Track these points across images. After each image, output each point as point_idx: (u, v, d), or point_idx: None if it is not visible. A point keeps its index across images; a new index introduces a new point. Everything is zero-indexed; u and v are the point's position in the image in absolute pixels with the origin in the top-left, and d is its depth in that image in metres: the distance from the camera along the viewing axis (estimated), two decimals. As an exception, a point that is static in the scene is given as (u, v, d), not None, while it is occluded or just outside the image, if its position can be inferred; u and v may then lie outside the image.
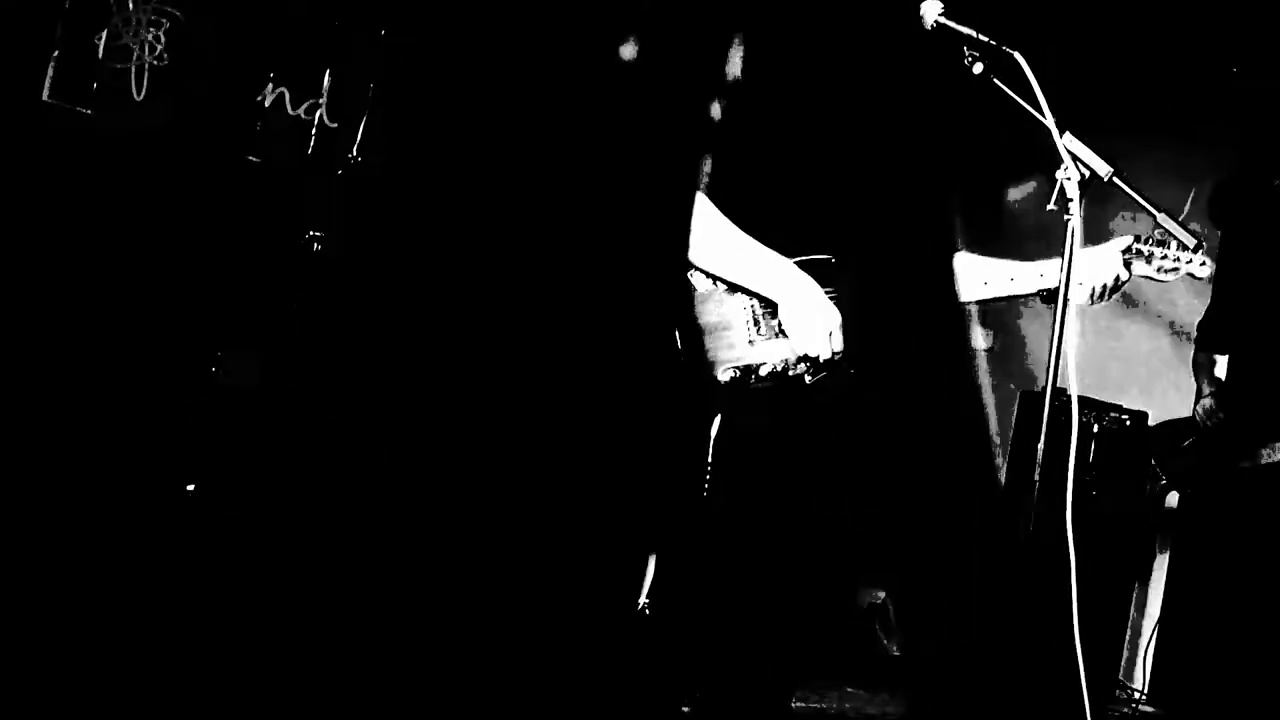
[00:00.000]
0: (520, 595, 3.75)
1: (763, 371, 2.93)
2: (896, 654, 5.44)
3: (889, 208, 3.04)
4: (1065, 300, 2.68)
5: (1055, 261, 2.91)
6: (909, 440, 3.20)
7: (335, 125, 4.60)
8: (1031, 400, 5.30)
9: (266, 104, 4.48)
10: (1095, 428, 5.20)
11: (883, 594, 5.47)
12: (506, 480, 3.75)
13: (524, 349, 3.70)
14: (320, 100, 4.59)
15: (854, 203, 3.04)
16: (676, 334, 2.93)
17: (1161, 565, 5.61)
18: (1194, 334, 5.26)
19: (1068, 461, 2.76)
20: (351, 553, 4.01)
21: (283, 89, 4.52)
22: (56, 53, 4.04)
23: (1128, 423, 5.28)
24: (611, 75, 3.41)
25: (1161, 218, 2.73)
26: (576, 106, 3.90)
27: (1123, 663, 5.57)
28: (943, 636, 4.96)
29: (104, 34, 4.14)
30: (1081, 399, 5.35)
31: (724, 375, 2.93)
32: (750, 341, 2.95)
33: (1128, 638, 5.55)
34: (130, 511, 3.84)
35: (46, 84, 4.02)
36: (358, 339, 4.38)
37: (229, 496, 4.01)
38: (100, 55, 4.12)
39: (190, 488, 3.99)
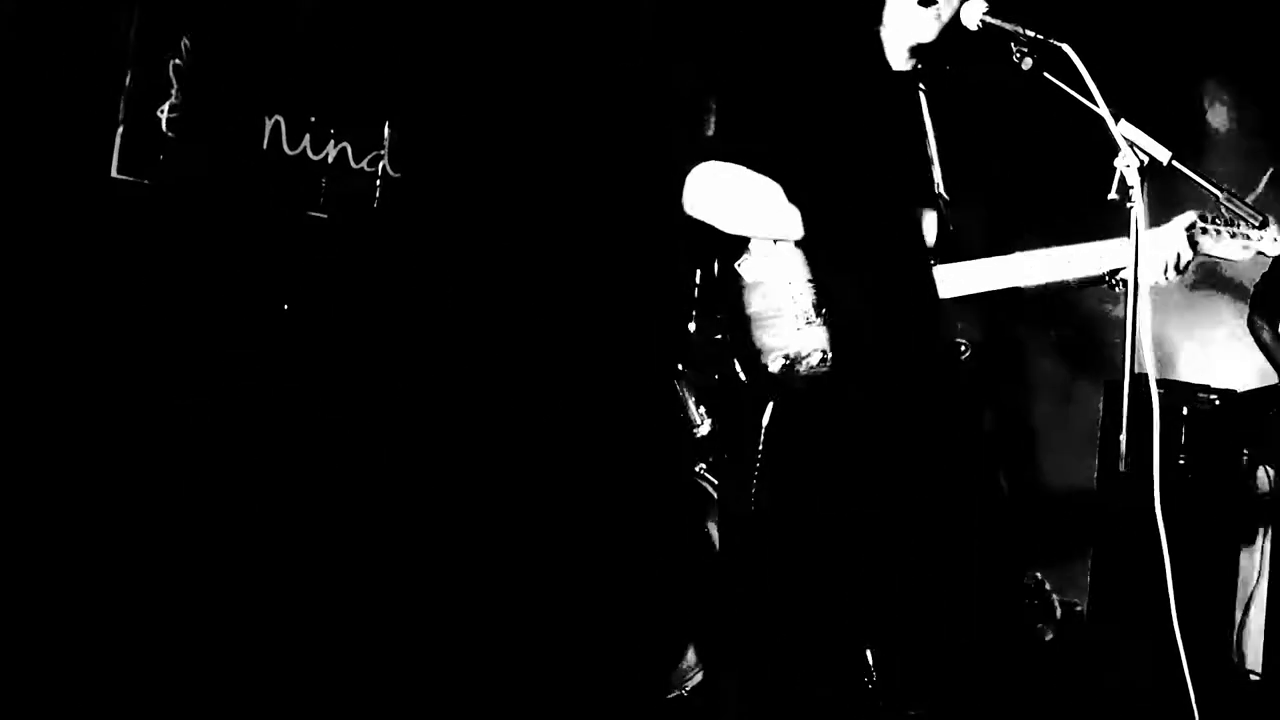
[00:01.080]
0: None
1: (813, 360, 2.93)
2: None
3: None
4: (1137, 287, 2.65)
5: (1113, 242, 2.89)
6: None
7: (399, 175, 4.66)
8: (1114, 389, 5.24)
9: (330, 160, 4.55)
10: (1185, 410, 5.13)
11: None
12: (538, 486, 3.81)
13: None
14: (382, 152, 4.65)
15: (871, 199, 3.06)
16: (723, 324, 2.95)
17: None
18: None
19: (1152, 447, 2.73)
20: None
21: (345, 143, 4.58)
22: (121, 129, 4.13)
23: (1217, 402, 5.20)
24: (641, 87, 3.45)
25: (1224, 198, 2.70)
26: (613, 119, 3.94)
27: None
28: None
29: (165, 106, 4.23)
30: (1170, 382, 5.33)
31: (774, 365, 2.94)
32: (798, 329, 2.95)
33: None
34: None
35: (114, 159, 4.11)
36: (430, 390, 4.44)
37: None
38: (164, 127, 4.21)
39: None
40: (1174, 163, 2.67)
